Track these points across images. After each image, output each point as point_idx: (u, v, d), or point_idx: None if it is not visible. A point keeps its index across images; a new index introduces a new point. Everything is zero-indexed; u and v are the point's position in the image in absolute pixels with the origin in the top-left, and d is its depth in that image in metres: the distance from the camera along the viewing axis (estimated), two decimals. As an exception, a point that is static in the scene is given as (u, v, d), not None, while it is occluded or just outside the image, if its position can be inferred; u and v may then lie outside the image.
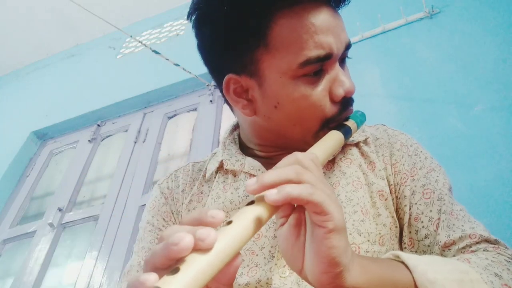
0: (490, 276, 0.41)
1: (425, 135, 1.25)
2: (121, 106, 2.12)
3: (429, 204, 0.53)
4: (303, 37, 0.50)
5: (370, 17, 1.64)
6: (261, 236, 0.53)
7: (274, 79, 0.52)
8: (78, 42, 2.85)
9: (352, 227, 0.51)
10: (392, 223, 0.54)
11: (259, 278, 0.50)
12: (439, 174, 0.57)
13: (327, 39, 0.51)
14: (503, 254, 0.46)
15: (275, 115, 0.55)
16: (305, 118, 0.53)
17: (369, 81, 1.48)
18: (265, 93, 0.54)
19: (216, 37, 0.55)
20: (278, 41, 0.51)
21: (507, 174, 1.07)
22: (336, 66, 0.53)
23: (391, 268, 0.39)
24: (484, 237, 0.48)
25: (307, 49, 0.50)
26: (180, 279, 0.27)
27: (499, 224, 1.01)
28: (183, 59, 1.67)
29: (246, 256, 0.52)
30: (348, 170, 0.58)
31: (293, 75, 0.51)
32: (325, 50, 0.50)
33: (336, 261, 0.33)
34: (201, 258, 0.28)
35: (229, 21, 0.52)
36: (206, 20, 0.55)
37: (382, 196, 0.56)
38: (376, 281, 0.36)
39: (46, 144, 2.28)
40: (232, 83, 0.56)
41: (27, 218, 1.94)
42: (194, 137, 1.81)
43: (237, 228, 0.31)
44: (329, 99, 0.53)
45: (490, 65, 1.31)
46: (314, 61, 0.50)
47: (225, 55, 0.55)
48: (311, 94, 0.52)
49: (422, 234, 0.52)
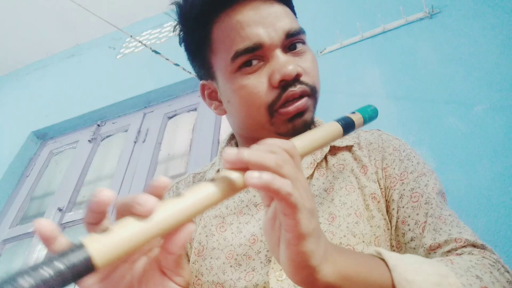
0: (471, 278, 0.40)
1: (425, 135, 1.25)
2: (121, 106, 2.12)
3: (416, 208, 0.53)
4: (231, 35, 0.56)
5: (370, 17, 1.64)
6: (257, 241, 0.54)
7: (221, 78, 0.59)
8: (78, 42, 2.85)
9: (347, 229, 0.52)
10: (385, 225, 0.55)
11: (256, 283, 0.50)
12: (429, 179, 0.56)
13: (254, 30, 0.55)
14: (488, 258, 0.46)
15: (231, 111, 0.61)
16: (249, 107, 0.56)
17: (369, 81, 1.48)
18: (220, 92, 0.61)
19: (187, 50, 0.65)
20: (217, 43, 0.58)
21: (507, 174, 1.07)
22: (275, 53, 0.55)
23: (370, 266, 0.39)
24: (470, 241, 0.48)
25: (234, 44, 0.55)
26: (106, 237, 0.27)
27: (498, 224, 1.01)
28: (183, 59, 1.66)
29: (243, 261, 0.53)
30: (341, 175, 0.59)
31: (231, 70, 0.56)
32: (252, 41, 0.54)
33: (304, 265, 0.33)
34: (135, 222, 0.28)
35: (187, 35, 0.62)
36: (180, 38, 0.65)
37: (374, 198, 0.56)
38: (352, 277, 0.36)
39: (46, 144, 2.28)
40: (206, 89, 0.65)
41: (27, 218, 1.94)
42: (194, 137, 1.81)
43: (184, 201, 0.31)
44: (268, 85, 0.55)
45: (490, 65, 1.31)
46: (242, 53, 0.55)
47: (195, 65, 0.65)
48: (247, 84, 0.55)
49: (408, 237, 0.52)
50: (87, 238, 0.26)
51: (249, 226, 0.56)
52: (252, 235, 0.54)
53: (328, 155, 0.62)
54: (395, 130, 1.30)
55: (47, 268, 0.23)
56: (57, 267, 0.24)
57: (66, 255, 0.25)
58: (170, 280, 0.37)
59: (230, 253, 0.54)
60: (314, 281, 0.34)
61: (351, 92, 1.49)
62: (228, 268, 0.53)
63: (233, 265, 0.53)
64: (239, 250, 0.53)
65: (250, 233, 0.54)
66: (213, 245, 0.56)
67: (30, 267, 0.23)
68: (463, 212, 1.05)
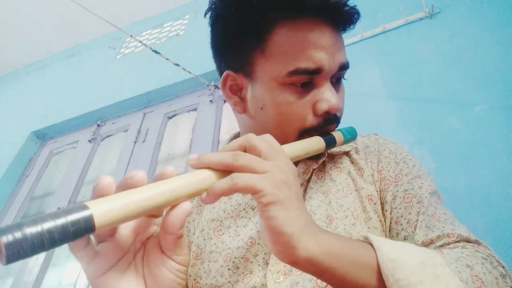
0: (460, 266, 0.39)
1: (425, 135, 1.25)
2: (121, 106, 2.12)
3: (408, 207, 0.53)
4: (297, 49, 0.54)
5: (370, 17, 1.64)
6: (254, 244, 0.54)
7: (264, 83, 0.56)
8: (78, 42, 2.85)
9: (344, 231, 0.52)
10: (381, 226, 0.55)
11: (254, 285, 0.50)
12: (424, 181, 0.56)
13: (319, 55, 0.54)
14: (481, 252, 0.45)
15: (260, 116, 0.58)
16: (285, 123, 0.56)
17: (369, 81, 1.48)
18: (254, 94, 0.58)
19: (224, 35, 0.59)
20: (275, 48, 0.55)
21: (507, 174, 1.07)
22: (326, 83, 0.55)
23: (355, 246, 0.39)
24: (463, 236, 0.47)
25: (298, 60, 0.53)
26: (107, 201, 0.30)
27: (498, 224, 1.01)
28: (183, 59, 1.67)
29: (240, 264, 0.53)
30: (338, 178, 0.59)
31: (282, 82, 0.54)
32: (315, 64, 0.53)
33: (278, 231, 0.35)
34: (131, 193, 0.32)
35: (235, 23, 0.57)
36: (218, 19, 0.59)
37: (371, 200, 0.56)
38: (336, 254, 0.36)
39: (46, 144, 2.28)
40: (229, 80, 0.60)
41: (27, 218, 1.94)
42: (194, 137, 1.81)
43: (181, 179, 0.35)
44: (312, 111, 0.55)
45: (490, 65, 1.31)
46: (302, 72, 0.53)
47: (228, 53, 0.60)
48: (294, 102, 0.55)
49: (402, 237, 0.52)
50: (90, 202, 0.30)
51: (247, 229, 0.56)
52: (249, 238, 0.54)
53: (325, 159, 0.63)
54: (395, 130, 1.30)
55: (52, 220, 0.26)
56: (62, 221, 0.26)
57: (70, 212, 0.28)
58: (169, 259, 0.39)
59: (228, 256, 0.54)
60: (294, 252, 0.35)
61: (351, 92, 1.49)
62: (226, 271, 0.53)
63: (231, 268, 0.53)
64: (237, 253, 0.54)
65: (248, 236, 0.55)
66: (211, 248, 0.56)
67: (37, 217, 0.26)
68: (463, 212, 1.05)
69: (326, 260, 0.36)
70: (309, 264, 0.36)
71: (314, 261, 0.35)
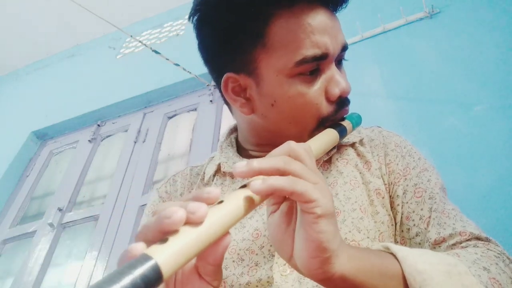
0: (478, 269, 0.41)
1: (425, 135, 1.25)
2: (121, 106, 2.12)
3: (420, 203, 0.54)
4: (300, 37, 0.51)
5: (370, 17, 1.64)
6: (260, 236, 0.53)
7: (271, 78, 0.53)
8: (78, 42, 2.85)
9: (352, 224, 0.52)
10: (389, 221, 0.55)
11: (259, 277, 0.50)
12: (431, 174, 0.57)
13: (324, 39, 0.52)
14: (492, 250, 0.46)
15: (272, 114, 0.56)
16: (301, 116, 0.54)
17: (369, 81, 1.48)
18: (262, 91, 0.55)
19: (216, 37, 0.56)
20: (276, 40, 0.52)
21: (507, 174, 1.07)
22: (332, 66, 0.54)
23: (380, 258, 0.39)
24: (474, 234, 0.49)
25: (303, 48, 0.51)
26: (168, 247, 0.27)
27: (498, 224, 1.01)
28: (183, 59, 1.67)
29: (246, 256, 0.52)
30: (345, 170, 0.58)
31: (290, 73, 0.52)
32: (321, 49, 0.52)
33: (324, 246, 0.33)
34: (191, 230, 0.29)
35: (227, 22, 0.54)
36: (206, 21, 0.56)
37: (379, 194, 0.56)
38: (365, 269, 0.36)
39: (46, 144, 2.28)
40: (230, 82, 0.57)
41: (27, 218, 1.94)
42: (194, 137, 1.81)
43: (227, 207, 0.32)
44: (325, 98, 0.54)
45: (490, 65, 1.31)
46: (310, 60, 0.51)
47: (224, 54, 0.57)
48: (307, 92, 0.53)
49: (413, 232, 0.53)
50: (151, 250, 0.27)
51: (252, 221, 0.55)
52: (255, 230, 0.53)
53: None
54: (395, 130, 1.29)
55: (125, 279, 0.24)
56: (132, 278, 0.24)
57: (135, 266, 0.25)
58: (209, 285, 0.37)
59: (232, 248, 0.53)
60: (329, 269, 0.34)
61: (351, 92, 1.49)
62: (231, 263, 0.52)
63: (235, 260, 0.52)
64: (242, 245, 0.53)
65: (253, 227, 0.54)
66: None
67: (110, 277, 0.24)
68: (463, 212, 1.04)
69: (358, 276, 0.35)
70: (341, 281, 0.35)
71: (347, 278, 0.35)
